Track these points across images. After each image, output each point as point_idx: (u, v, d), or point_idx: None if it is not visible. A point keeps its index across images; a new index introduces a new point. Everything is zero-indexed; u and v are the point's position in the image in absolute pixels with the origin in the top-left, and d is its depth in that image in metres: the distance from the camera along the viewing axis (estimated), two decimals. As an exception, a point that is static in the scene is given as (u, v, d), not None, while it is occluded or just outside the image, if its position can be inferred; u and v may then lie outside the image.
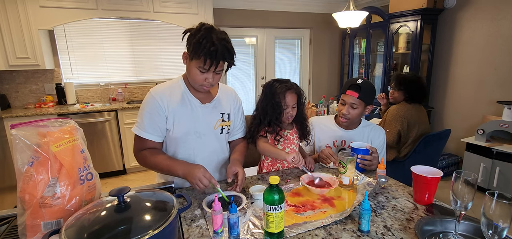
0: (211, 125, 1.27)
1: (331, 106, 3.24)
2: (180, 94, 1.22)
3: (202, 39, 1.05)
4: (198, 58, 1.08)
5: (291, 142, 1.49)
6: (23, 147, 0.76)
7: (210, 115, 1.26)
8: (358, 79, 1.49)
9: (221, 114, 1.29)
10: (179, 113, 1.20)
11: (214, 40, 1.05)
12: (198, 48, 1.06)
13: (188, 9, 3.65)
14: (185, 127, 1.22)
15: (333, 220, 0.96)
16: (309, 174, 1.27)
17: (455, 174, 0.81)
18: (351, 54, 4.65)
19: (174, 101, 1.20)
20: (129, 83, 3.97)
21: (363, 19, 3.22)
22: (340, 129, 1.61)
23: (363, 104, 1.50)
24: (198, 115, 1.23)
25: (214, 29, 1.09)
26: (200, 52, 1.06)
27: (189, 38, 1.12)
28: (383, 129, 1.66)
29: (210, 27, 1.09)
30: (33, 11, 3.04)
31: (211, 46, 1.04)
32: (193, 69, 1.13)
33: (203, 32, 1.07)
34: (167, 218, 0.71)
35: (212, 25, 1.11)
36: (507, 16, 2.98)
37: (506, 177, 2.74)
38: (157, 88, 1.22)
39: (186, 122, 1.22)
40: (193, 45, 1.08)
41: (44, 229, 0.78)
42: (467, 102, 3.47)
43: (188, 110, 1.22)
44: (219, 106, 1.29)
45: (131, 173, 3.69)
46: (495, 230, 0.71)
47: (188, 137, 1.24)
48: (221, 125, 1.29)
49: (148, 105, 1.19)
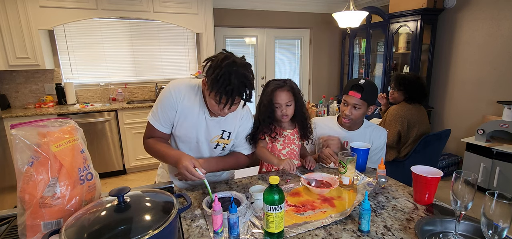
0: (209, 137, 1.28)
1: (331, 106, 3.24)
2: (194, 98, 1.23)
3: (220, 77, 1.02)
4: (215, 94, 1.05)
5: (291, 142, 1.49)
6: (23, 147, 0.76)
7: (212, 128, 1.27)
8: (360, 79, 1.48)
9: (222, 131, 1.29)
10: (186, 114, 1.22)
11: (232, 79, 1.01)
12: (215, 85, 1.03)
13: (188, 9, 3.65)
14: (187, 130, 1.24)
15: (333, 220, 0.96)
16: (303, 177, 1.26)
17: (455, 174, 0.81)
18: (351, 54, 4.65)
19: (187, 101, 1.22)
20: (129, 83, 3.97)
21: (363, 19, 3.22)
22: (343, 129, 1.60)
23: (365, 104, 1.49)
24: (201, 124, 1.25)
25: (235, 65, 1.04)
26: (216, 90, 1.03)
27: (208, 70, 1.08)
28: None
29: (231, 62, 1.04)
30: (33, 11, 3.04)
31: (227, 85, 1.02)
32: (210, 99, 1.11)
33: (223, 69, 1.02)
34: (167, 218, 0.71)
35: (234, 59, 1.06)
36: (507, 16, 2.98)
37: (506, 177, 2.73)
38: (176, 83, 1.23)
39: (189, 125, 1.24)
40: (211, 80, 1.05)
41: (44, 229, 0.78)
42: (467, 102, 3.47)
43: (195, 115, 1.23)
44: (222, 123, 1.28)
45: (131, 173, 3.69)
46: (495, 230, 0.71)
47: (187, 139, 1.26)
48: (218, 141, 1.29)
49: (163, 96, 1.21)
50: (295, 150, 1.50)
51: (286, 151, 1.49)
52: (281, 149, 1.48)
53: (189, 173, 1.07)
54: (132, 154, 3.58)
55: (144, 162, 3.65)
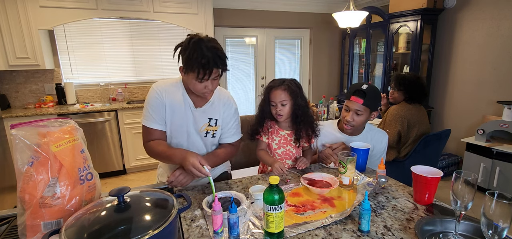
0: (198, 127, 1.32)
1: (331, 106, 3.24)
2: (178, 93, 1.28)
3: (192, 53, 1.09)
4: (192, 71, 1.12)
5: (287, 143, 1.48)
6: (23, 147, 0.76)
7: (199, 119, 1.31)
8: (363, 84, 1.43)
9: (208, 119, 1.33)
10: (173, 109, 1.27)
11: (204, 51, 1.08)
12: (190, 62, 1.11)
13: (188, 9, 3.65)
14: (177, 124, 1.29)
15: (333, 220, 0.96)
16: (303, 177, 1.27)
17: (455, 174, 0.81)
18: (351, 54, 4.65)
19: (172, 97, 1.27)
20: (129, 83, 3.97)
21: (363, 19, 3.22)
22: (343, 135, 1.54)
23: (368, 110, 1.44)
24: (189, 117, 1.30)
25: (202, 40, 1.12)
26: (193, 66, 1.10)
27: (180, 54, 1.16)
28: (384, 130, 1.65)
29: (197, 39, 1.12)
30: (33, 11, 3.04)
31: (202, 58, 1.08)
32: (191, 80, 1.17)
33: (192, 46, 1.10)
34: (167, 218, 0.71)
35: (199, 36, 1.14)
36: (507, 16, 2.98)
37: (506, 177, 2.74)
38: (159, 83, 1.30)
39: (178, 120, 1.29)
40: (185, 61, 1.13)
41: (44, 229, 0.78)
42: (467, 102, 3.47)
43: (182, 109, 1.28)
44: (208, 111, 1.33)
45: (131, 173, 3.69)
46: (495, 230, 0.71)
47: (178, 133, 1.31)
48: (206, 129, 1.34)
49: (150, 98, 1.27)
50: (291, 151, 1.49)
51: (281, 151, 1.49)
52: (276, 149, 1.49)
53: (197, 170, 1.10)
54: (132, 154, 3.58)
55: (144, 162, 3.65)
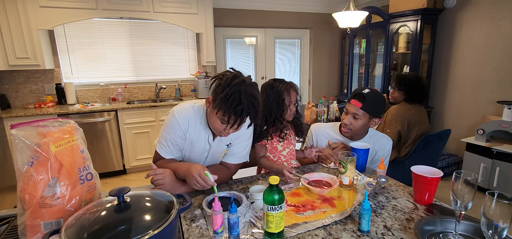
0: (215, 158, 1.34)
1: (331, 106, 3.24)
2: (199, 125, 1.24)
3: (230, 96, 1.01)
4: (221, 111, 1.04)
5: (290, 142, 1.49)
6: (23, 147, 0.76)
7: (216, 149, 1.31)
8: (365, 89, 1.41)
9: (226, 146, 1.32)
10: (194, 143, 1.26)
11: (242, 99, 1.01)
12: (225, 105, 1.02)
13: (188, 9, 3.65)
14: (195, 157, 1.30)
15: (333, 220, 0.96)
16: (303, 177, 1.26)
17: (455, 174, 0.81)
18: (351, 54, 4.65)
19: (193, 131, 1.23)
20: (129, 83, 3.97)
21: (363, 19, 3.22)
22: (344, 138, 1.53)
23: (367, 115, 1.41)
24: (207, 149, 1.29)
25: (244, 84, 1.04)
26: (225, 109, 1.03)
27: (217, 88, 1.06)
28: (384, 130, 1.65)
29: (241, 81, 1.04)
30: (33, 11, 3.03)
31: (237, 105, 1.01)
32: (216, 119, 1.09)
33: (233, 88, 1.02)
34: (167, 218, 0.71)
35: (243, 78, 1.06)
36: (507, 16, 2.98)
37: (506, 177, 2.73)
38: (181, 110, 1.22)
39: (197, 153, 1.29)
40: (220, 99, 1.03)
41: (44, 229, 0.78)
42: (467, 102, 3.47)
43: (202, 144, 1.27)
44: (225, 139, 1.29)
45: (131, 173, 3.69)
46: (495, 230, 0.71)
47: (195, 160, 1.32)
48: (224, 154, 1.34)
49: (171, 127, 1.21)
50: (293, 151, 1.50)
51: (286, 152, 1.48)
52: (282, 150, 1.48)
53: (202, 180, 1.07)
54: (132, 154, 3.58)
55: (144, 162, 3.65)
